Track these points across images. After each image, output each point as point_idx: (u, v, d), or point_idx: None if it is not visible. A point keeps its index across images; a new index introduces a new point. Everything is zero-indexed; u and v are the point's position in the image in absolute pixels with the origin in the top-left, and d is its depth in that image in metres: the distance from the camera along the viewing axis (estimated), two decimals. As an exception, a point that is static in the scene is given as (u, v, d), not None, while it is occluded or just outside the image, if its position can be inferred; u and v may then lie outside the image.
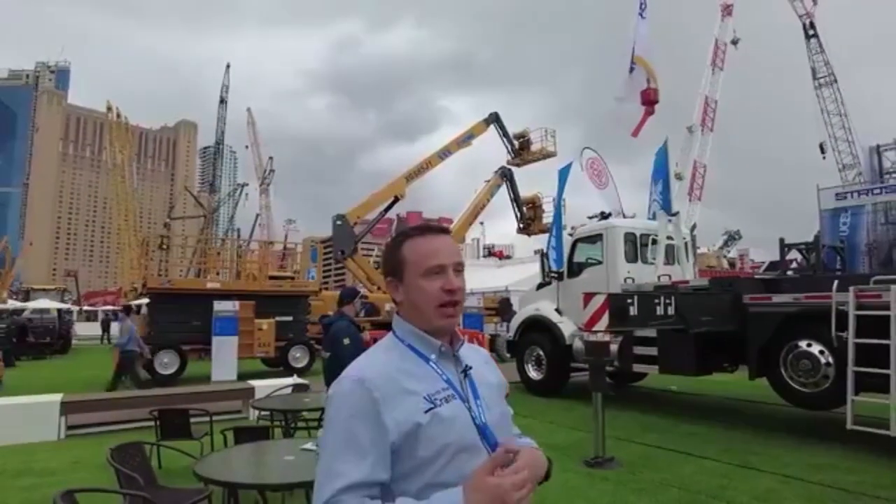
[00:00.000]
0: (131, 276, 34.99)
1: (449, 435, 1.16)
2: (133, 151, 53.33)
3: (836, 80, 37.61)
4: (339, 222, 18.64)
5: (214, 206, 66.13)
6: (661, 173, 14.43)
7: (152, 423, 5.74)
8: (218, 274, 16.56)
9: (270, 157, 69.85)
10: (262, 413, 6.25)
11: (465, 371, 1.30)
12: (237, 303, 13.00)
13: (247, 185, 66.04)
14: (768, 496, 4.88)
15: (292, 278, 17.30)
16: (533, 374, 10.76)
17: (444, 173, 20.64)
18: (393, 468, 1.14)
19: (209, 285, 13.99)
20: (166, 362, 12.72)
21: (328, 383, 5.20)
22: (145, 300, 14.59)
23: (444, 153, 20.33)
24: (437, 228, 1.37)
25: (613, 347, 8.17)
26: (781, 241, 7.89)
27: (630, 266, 9.74)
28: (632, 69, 12.67)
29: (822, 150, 38.72)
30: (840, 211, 15.79)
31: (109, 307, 37.68)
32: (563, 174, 15.91)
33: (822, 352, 6.77)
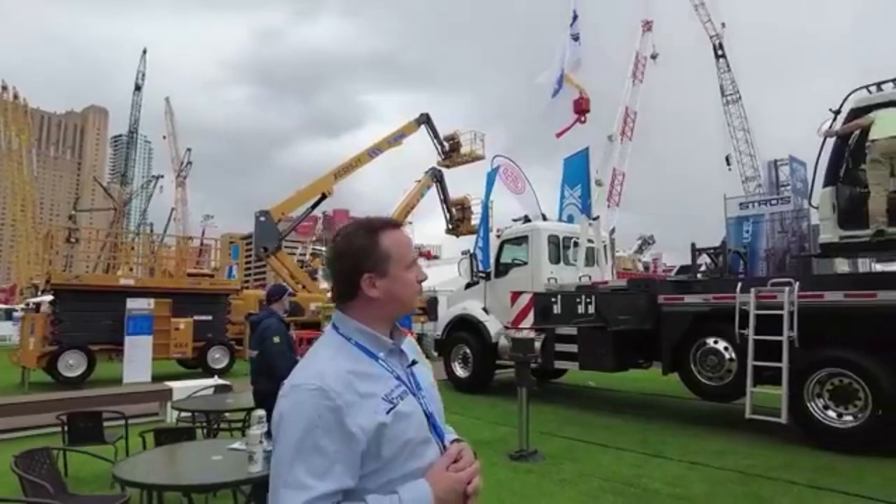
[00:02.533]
0: (29, 271, 32.29)
1: (409, 431, 1.19)
2: (33, 136, 49.10)
3: (741, 98, 40.66)
4: (262, 218, 18.09)
5: (126, 198, 62.07)
6: (581, 179, 15.07)
7: (60, 428, 5.37)
8: (132, 270, 15.63)
9: (188, 149, 66.42)
10: (183, 415, 6.01)
11: (411, 365, 1.33)
12: (152, 301, 12.33)
13: (162, 177, 62.40)
14: (678, 481, 5.25)
15: (211, 276, 16.61)
16: (459, 371, 10.94)
17: (368, 172, 20.49)
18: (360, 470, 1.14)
19: (122, 282, 13.18)
20: (72, 363, 11.86)
21: (256, 382, 5.11)
22: (47, 297, 13.53)
23: (375, 151, 20.21)
24: (398, 221, 1.40)
25: (537, 345, 8.48)
26: (693, 245, 8.47)
27: (553, 267, 10.13)
28: (558, 89, 13.10)
29: (728, 163, 41.74)
30: (743, 219, 17.12)
31: (2, 305, 34.59)
32: (492, 177, 16.24)
33: (726, 348, 7.33)
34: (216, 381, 8.66)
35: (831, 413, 6.31)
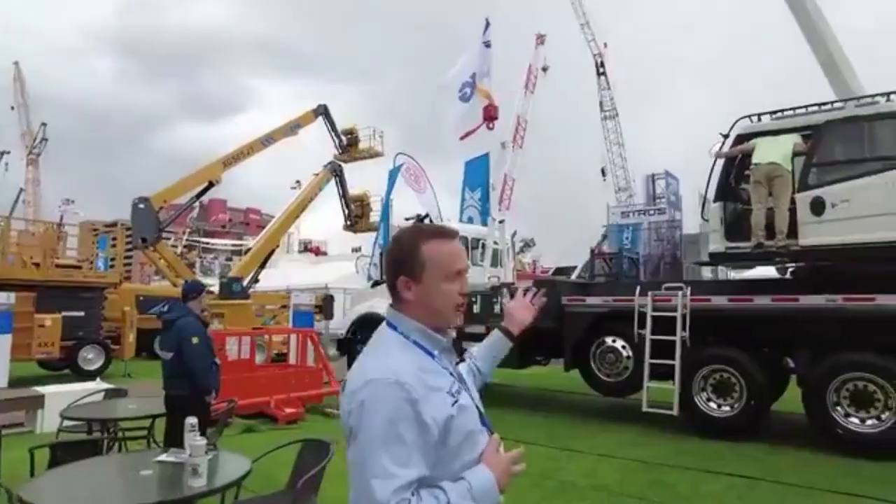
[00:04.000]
0: None
1: (469, 422, 1.30)
2: None
3: (617, 115, 43.92)
4: (141, 206, 16.52)
5: (-41, 175, 53.74)
6: (482, 182, 15.50)
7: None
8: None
9: (43, 124, 58.74)
10: (67, 425, 5.28)
11: (458, 363, 1.46)
12: (13, 294, 10.82)
13: (8, 153, 54.70)
14: (592, 473, 5.60)
15: (79, 267, 14.93)
16: (364, 371, 10.79)
17: (253, 162, 19.47)
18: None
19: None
20: None
21: (169, 386, 4.70)
22: None
23: (268, 140, 19.24)
24: (453, 232, 1.43)
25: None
26: (592, 250, 9.05)
27: (463, 267, 10.32)
28: (469, 94, 13.36)
29: (604, 174, 44.97)
30: (624, 227, 18.61)
31: None
32: (394, 174, 16.19)
33: (624, 346, 7.91)
34: (99, 384, 7.82)
35: (713, 405, 7.06)
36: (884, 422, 6.03)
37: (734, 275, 12.17)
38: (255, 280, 16.94)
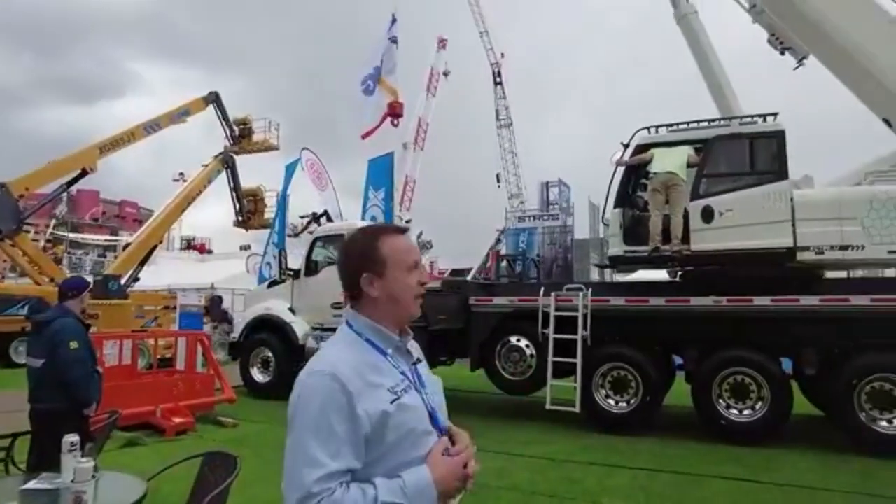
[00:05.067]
0: None
1: (411, 421, 1.30)
2: None
3: (512, 123, 45.48)
4: (-3, 193, 14.55)
5: None
6: (385, 182, 15.32)
7: None
8: None
9: None
10: None
11: (416, 363, 1.45)
12: None
13: None
14: (502, 473, 5.60)
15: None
16: (259, 376, 10.19)
17: (127, 153, 17.81)
18: (365, 455, 1.24)
19: None
20: None
21: (38, 399, 4.06)
22: None
23: (153, 126, 17.69)
24: (404, 228, 1.56)
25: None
26: (497, 252, 9.18)
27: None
28: (371, 88, 13.14)
29: (498, 180, 46.45)
30: (520, 230, 19.21)
31: None
32: (290, 169, 15.55)
33: (528, 346, 8.08)
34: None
35: (611, 401, 7.40)
36: (757, 411, 6.65)
37: (619, 277, 12.95)
38: (135, 279, 15.48)
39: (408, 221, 11.31)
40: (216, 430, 7.34)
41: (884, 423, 6.16)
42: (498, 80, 42.56)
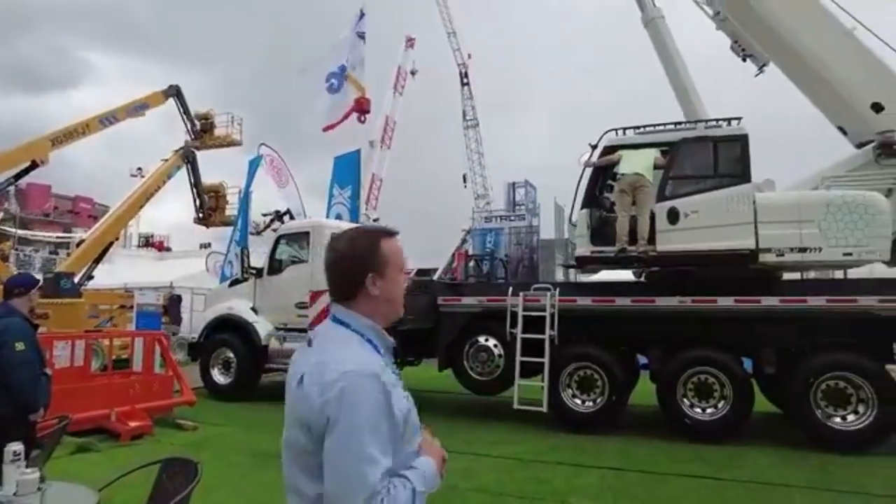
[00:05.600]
0: None
1: (415, 417, 1.42)
2: None
3: (479, 124, 45.63)
4: (-65, 185, 13.79)
5: None
6: (351, 180, 15.14)
7: None
8: None
9: None
10: None
11: (396, 362, 1.53)
12: None
13: None
14: (470, 474, 5.54)
15: None
16: (219, 378, 9.91)
17: (80, 146, 17.10)
18: None
19: None
20: None
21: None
22: None
23: (109, 119, 16.97)
24: (397, 231, 1.57)
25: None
26: (467, 252, 9.15)
27: (333, 266, 9.89)
28: (337, 86, 12.94)
29: (465, 181, 46.55)
30: (487, 231, 19.29)
31: None
32: (253, 165, 15.23)
33: (496, 345, 8.06)
34: None
35: (577, 401, 7.44)
36: (720, 410, 6.78)
37: (583, 278, 13.09)
38: (90, 277, 14.87)
39: (375, 220, 11.14)
40: (175, 434, 7.07)
41: (838, 420, 6.35)
42: (465, 80, 42.61)
